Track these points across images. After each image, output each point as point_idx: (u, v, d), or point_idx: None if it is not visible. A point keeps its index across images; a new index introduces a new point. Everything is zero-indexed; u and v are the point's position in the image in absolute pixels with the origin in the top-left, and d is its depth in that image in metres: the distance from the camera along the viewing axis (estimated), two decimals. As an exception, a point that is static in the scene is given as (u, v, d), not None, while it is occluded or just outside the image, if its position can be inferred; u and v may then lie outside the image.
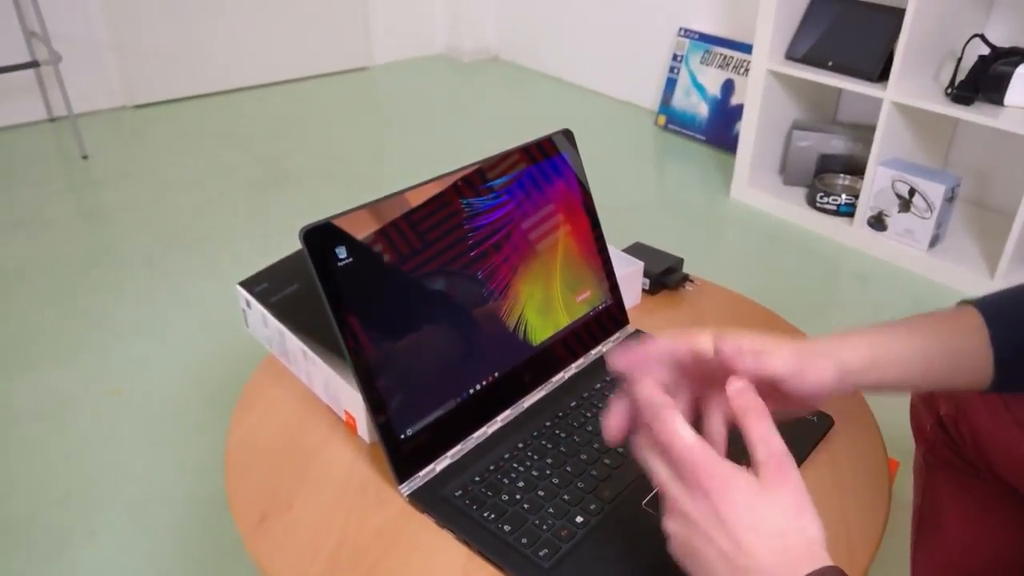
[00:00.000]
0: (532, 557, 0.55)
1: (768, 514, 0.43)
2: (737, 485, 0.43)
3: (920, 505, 0.80)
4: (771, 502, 0.43)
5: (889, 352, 0.54)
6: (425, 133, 2.69)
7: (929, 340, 0.54)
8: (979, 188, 2.05)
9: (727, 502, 0.43)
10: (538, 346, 0.71)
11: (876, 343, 0.54)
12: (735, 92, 2.49)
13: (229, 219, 2.06)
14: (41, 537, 1.14)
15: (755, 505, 0.43)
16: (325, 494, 0.62)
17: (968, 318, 0.55)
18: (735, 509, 0.43)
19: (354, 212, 0.60)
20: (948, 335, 0.55)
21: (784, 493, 0.43)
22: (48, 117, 2.71)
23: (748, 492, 0.43)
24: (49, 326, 1.62)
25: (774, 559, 0.42)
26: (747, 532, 0.42)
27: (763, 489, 0.43)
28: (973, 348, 0.55)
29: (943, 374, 0.55)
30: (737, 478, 0.44)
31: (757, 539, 0.42)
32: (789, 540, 0.42)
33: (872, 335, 0.54)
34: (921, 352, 0.54)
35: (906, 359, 0.54)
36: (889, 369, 0.54)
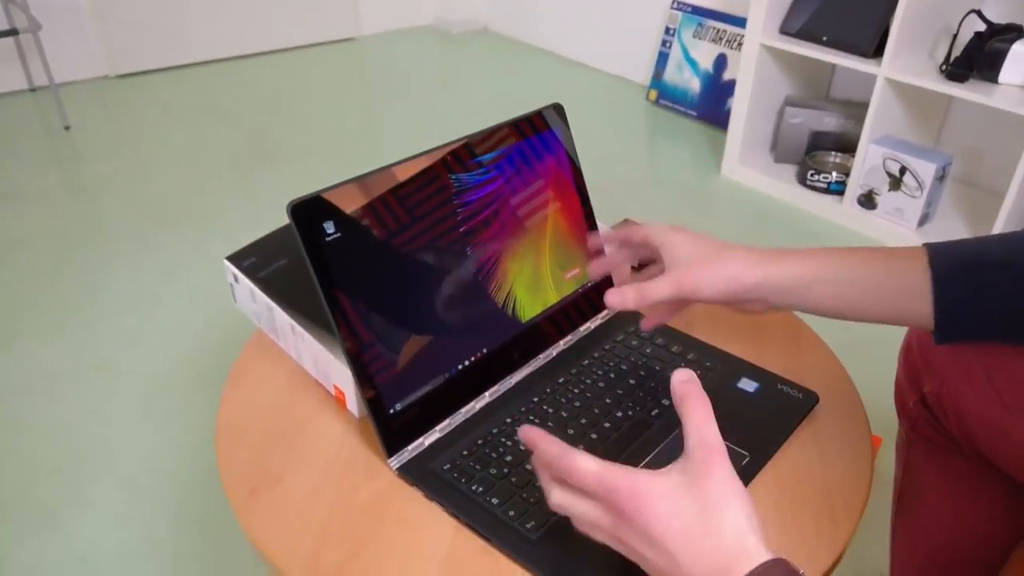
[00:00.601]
0: (520, 529, 0.55)
1: (694, 516, 0.42)
2: (656, 494, 0.43)
3: (901, 481, 0.81)
4: (696, 498, 0.42)
5: (821, 267, 0.55)
6: (413, 106, 2.66)
7: (868, 267, 0.55)
8: (970, 167, 2.06)
9: (647, 516, 0.42)
10: (527, 323, 0.71)
11: (806, 261, 0.56)
12: (728, 67, 2.48)
13: (216, 192, 2.05)
14: (33, 511, 1.14)
15: (680, 508, 0.42)
16: (315, 468, 0.62)
17: (915, 258, 0.55)
18: (659, 520, 0.42)
19: (342, 186, 0.59)
20: (888, 266, 0.55)
21: (708, 486, 0.43)
22: (29, 87, 2.66)
23: (670, 497, 0.42)
24: (35, 301, 1.61)
25: (706, 563, 0.41)
26: (679, 540, 0.41)
27: (687, 485, 0.43)
28: (912, 286, 0.55)
29: (880, 304, 0.56)
30: (653, 486, 0.43)
31: (689, 546, 0.41)
32: (721, 538, 0.41)
33: (807, 251, 0.58)
34: (857, 276, 0.55)
35: (839, 279, 0.55)
36: (821, 286, 0.55)
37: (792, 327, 0.81)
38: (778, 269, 0.58)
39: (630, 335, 0.75)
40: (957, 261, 0.55)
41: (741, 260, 0.58)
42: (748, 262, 0.58)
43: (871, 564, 1.05)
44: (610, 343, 0.74)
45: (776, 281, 0.58)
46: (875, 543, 0.98)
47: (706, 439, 0.44)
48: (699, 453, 0.44)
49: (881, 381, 0.91)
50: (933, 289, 0.55)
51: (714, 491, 0.43)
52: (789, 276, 0.57)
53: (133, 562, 1.06)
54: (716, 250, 0.60)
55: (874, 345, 1.33)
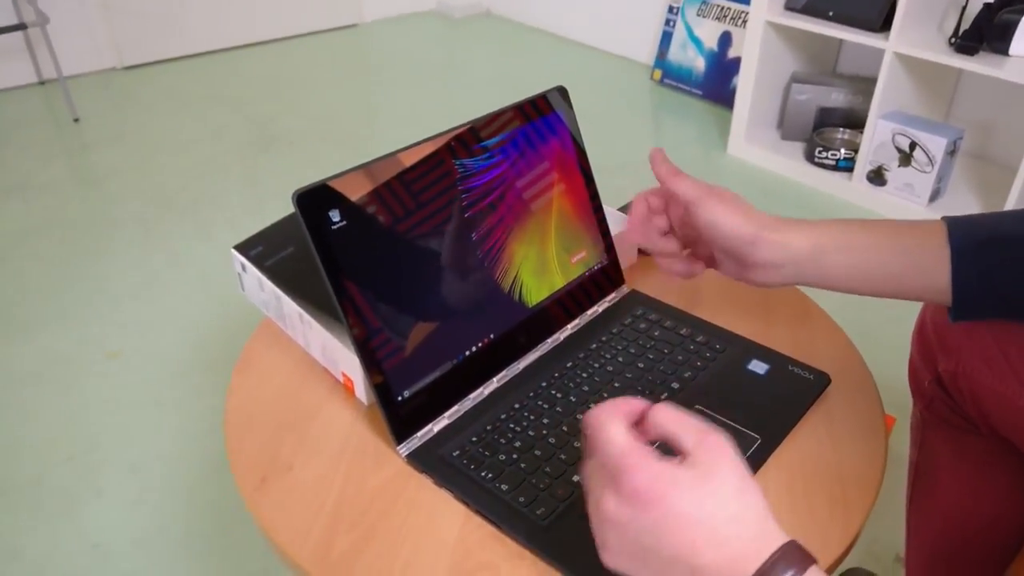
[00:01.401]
0: (529, 516, 0.55)
1: (716, 504, 0.41)
2: (677, 484, 0.41)
3: (917, 462, 0.81)
4: (714, 490, 0.41)
5: (840, 236, 0.55)
6: (417, 91, 2.65)
7: (886, 239, 0.55)
8: (981, 141, 2.03)
9: (674, 504, 0.41)
10: (533, 307, 0.71)
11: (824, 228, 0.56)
12: (732, 45, 2.45)
13: (222, 181, 2.05)
14: (48, 497, 1.15)
15: (701, 498, 0.41)
16: (324, 455, 0.63)
17: (934, 232, 0.55)
18: (683, 507, 0.41)
19: (347, 174, 0.59)
20: (907, 240, 0.55)
21: (723, 476, 0.41)
22: (38, 80, 2.67)
23: (689, 490, 0.41)
24: (45, 290, 1.62)
25: (729, 550, 0.40)
26: (700, 528, 0.40)
27: (703, 479, 0.41)
28: (932, 262, 0.55)
29: (896, 278, 0.56)
30: (677, 477, 0.41)
31: (711, 533, 0.40)
32: (742, 525, 0.41)
33: (823, 221, 0.58)
34: (874, 246, 0.55)
35: (854, 247, 0.55)
36: (836, 255, 0.55)
37: (802, 306, 0.80)
38: (795, 232, 0.58)
39: (638, 318, 0.75)
40: (976, 237, 0.54)
41: (764, 215, 0.61)
42: (769, 218, 0.60)
43: (886, 545, 1.05)
44: (618, 326, 0.74)
45: (793, 244, 0.58)
46: (889, 524, 0.98)
47: (701, 432, 0.43)
48: (702, 448, 0.42)
49: (893, 359, 0.90)
50: (951, 264, 0.54)
51: (729, 480, 0.42)
52: (805, 241, 0.57)
53: (145, 549, 1.07)
54: (744, 202, 0.63)
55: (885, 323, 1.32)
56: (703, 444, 0.42)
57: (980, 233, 0.54)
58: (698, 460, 0.42)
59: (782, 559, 0.40)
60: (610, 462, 0.43)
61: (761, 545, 0.40)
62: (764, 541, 0.41)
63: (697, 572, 0.41)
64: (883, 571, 1.00)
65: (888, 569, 1.01)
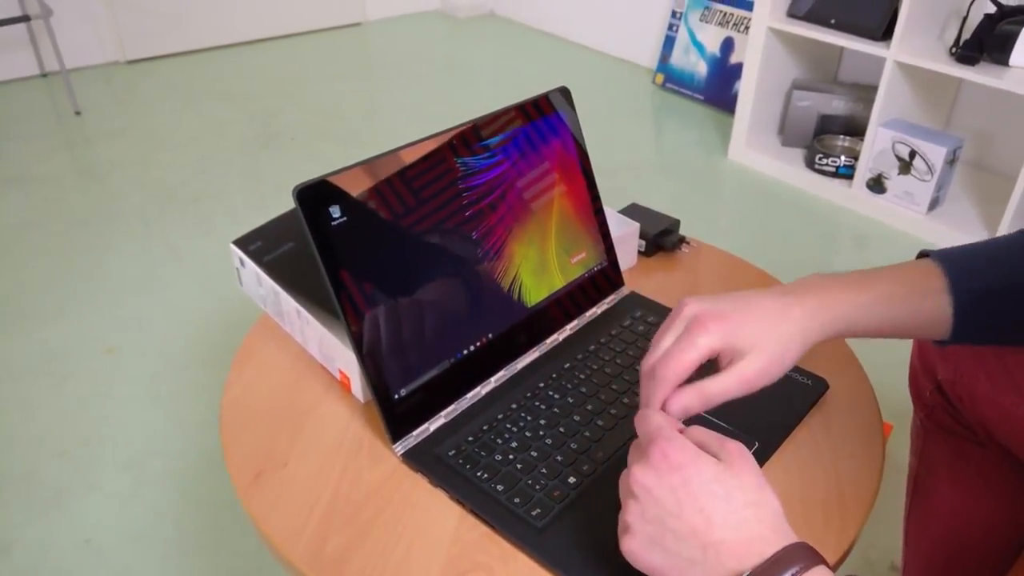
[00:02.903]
0: (525, 517, 0.55)
1: (736, 486, 0.44)
2: (703, 459, 0.45)
3: (916, 469, 0.81)
4: (736, 477, 0.44)
5: (857, 324, 0.55)
6: (420, 90, 2.65)
7: (895, 308, 0.55)
8: (981, 150, 2.04)
9: (697, 473, 0.44)
10: (532, 307, 0.71)
11: (842, 316, 0.54)
12: (735, 50, 2.45)
13: (223, 176, 2.04)
14: (41, 491, 1.15)
15: (724, 478, 0.44)
16: (320, 452, 0.62)
17: (932, 278, 0.56)
18: (705, 480, 0.44)
19: (348, 170, 0.59)
20: (914, 300, 0.56)
21: (745, 472, 0.45)
22: (40, 72, 2.66)
23: (714, 468, 0.44)
24: (44, 283, 1.61)
25: (746, 531, 0.42)
26: (719, 502, 0.43)
27: (727, 467, 0.45)
28: (935, 307, 0.56)
29: (904, 332, 0.57)
30: (702, 454, 0.45)
31: (729, 510, 0.43)
32: (760, 511, 0.43)
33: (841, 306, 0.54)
34: (888, 320, 0.55)
35: (871, 326, 0.55)
36: (852, 332, 0.56)
37: (801, 313, 0.80)
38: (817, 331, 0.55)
39: (637, 320, 0.75)
40: (977, 292, 0.55)
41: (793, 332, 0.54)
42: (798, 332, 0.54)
43: (882, 552, 1.05)
44: (617, 328, 0.74)
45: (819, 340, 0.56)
46: (886, 531, 0.98)
47: (728, 442, 0.46)
48: (728, 449, 0.46)
49: (892, 367, 0.90)
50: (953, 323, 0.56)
51: (750, 475, 0.45)
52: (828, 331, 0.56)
53: (138, 544, 1.07)
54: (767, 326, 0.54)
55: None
56: (726, 447, 0.46)
57: (981, 287, 0.55)
58: (724, 458, 0.45)
59: (792, 553, 0.41)
60: (644, 438, 0.47)
61: (775, 537, 0.42)
62: (778, 534, 0.42)
63: (710, 549, 0.42)
64: (877, 578, 0.99)
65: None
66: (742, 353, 0.52)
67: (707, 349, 0.51)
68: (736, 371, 0.52)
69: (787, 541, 0.42)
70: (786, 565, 0.40)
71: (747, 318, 0.53)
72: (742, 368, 0.52)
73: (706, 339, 0.51)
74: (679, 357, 0.51)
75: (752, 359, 0.52)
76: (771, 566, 0.40)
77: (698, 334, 0.51)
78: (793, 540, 0.42)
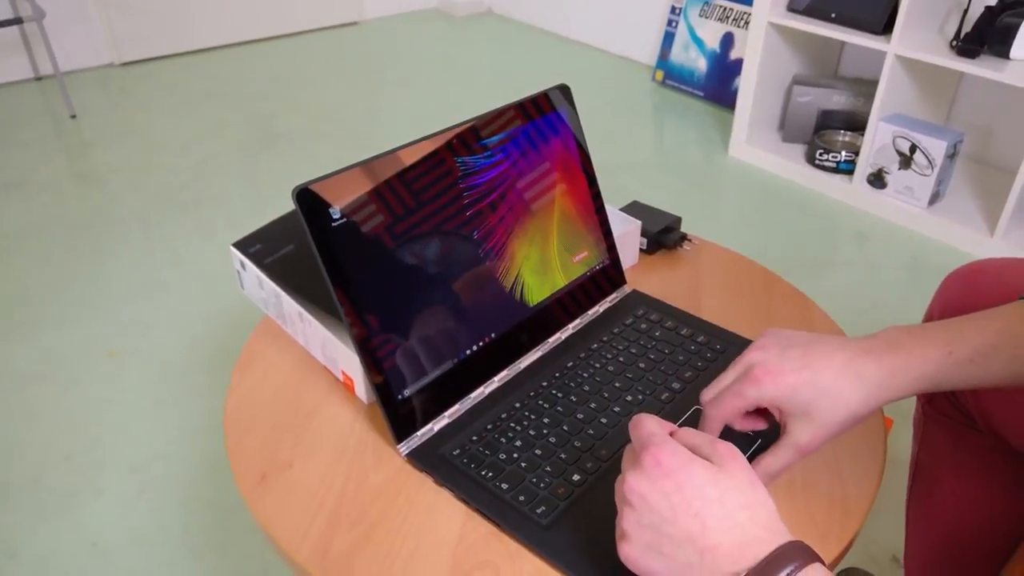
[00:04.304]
0: (530, 515, 0.55)
1: (730, 487, 0.44)
2: (696, 463, 0.45)
3: (918, 457, 0.81)
4: (730, 479, 0.44)
5: (944, 383, 0.51)
6: (418, 89, 2.65)
7: (991, 363, 0.51)
8: (981, 144, 2.03)
9: (690, 478, 0.44)
10: (535, 307, 0.71)
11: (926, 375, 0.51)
12: (735, 46, 2.45)
13: (222, 179, 2.04)
14: (47, 496, 1.15)
15: (717, 480, 0.44)
16: (324, 454, 0.62)
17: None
18: (698, 484, 0.43)
19: (348, 171, 0.59)
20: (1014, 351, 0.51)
21: (738, 474, 0.45)
22: (34, 76, 2.66)
23: (708, 471, 0.44)
24: (45, 288, 1.62)
25: (740, 533, 0.42)
26: (713, 506, 0.43)
27: (720, 469, 0.44)
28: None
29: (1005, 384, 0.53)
30: (696, 459, 0.45)
31: (724, 513, 0.42)
32: (755, 512, 0.43)
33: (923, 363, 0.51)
34: (981, 377, 0.51)
35: (964, 383, 0.52)
36: (940, 389, 0.52)
37: (803, 308, 0.80)
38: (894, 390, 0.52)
39: (639, 318, 0.75)
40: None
41: (857, 395, 0.51)
42: (864, 394, 0.51)
43: (883, 546, 1.05)
44: (619, 326, 0.74)
45: (897, 399, 0.53)
46: (887, 525, 0.98)
47: (720, 444, 0.46)
48: (719, 450, 0.46)
49: (892, 362, 0.90)
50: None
51: (743, 475, 0.45)
52: (910, 391, 0.52)
53: (144, 548, 1.07)
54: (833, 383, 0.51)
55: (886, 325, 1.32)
56: (717, 449, 0.46)
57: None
58: (716, 459, 0.45)
59: (787, 552, 0.41)
60: (638, 444, 0.47)
61: (770, 537, 0.42)
62: (773, 534, 0.42)
63: (706, 553, 0.42)
64: (880, 572, 1.00)
65: (885, 570, 1.01)
66: (795, 417, 0.52)
67: (754, 402, 0.53)
68: (791, 444, 0.52)
69: (782, 540, 0.42)
70: (781, 564, 0.40)
71: (806, 379, 0.51)
72: (795, 439, 0.52)
73: (755, 393, 0.52)
74: (727, 402, 0.54)
75: (804, 428, 0.52)
76: (766, 566, 0.40)
77: (749, 386, 0.53)
78: (788, 539, 0.42)
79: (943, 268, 0.74)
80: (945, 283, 0.72)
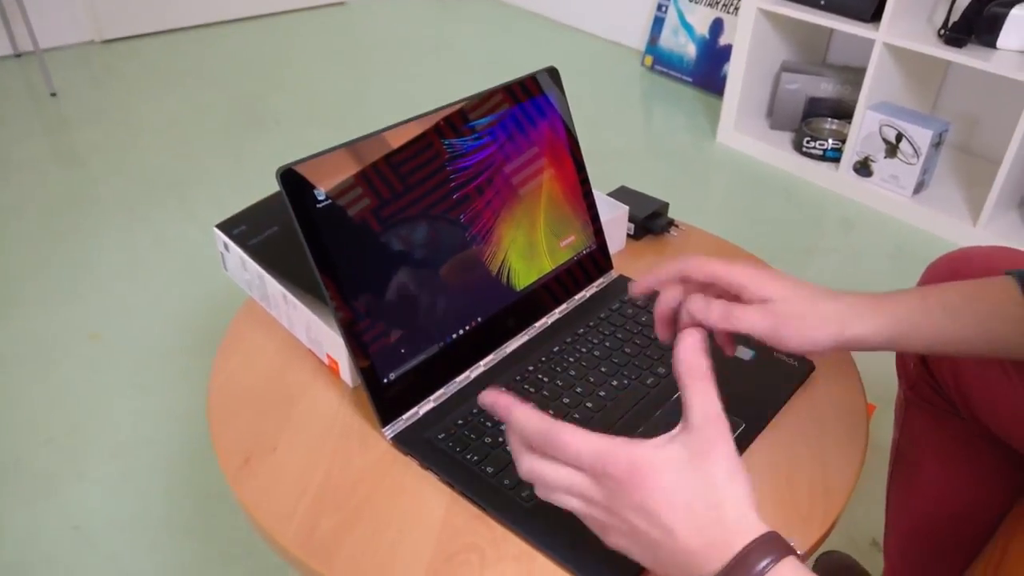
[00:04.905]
0: (514, 498, 0.55)
1: (699, 488, 0.41)
2: (658, 467, 0.42)
3: (898, 442, 0.82)
4: (701, 473, 0.42)
5: (913, 332, 0.52)
6: (405, 71, 2.62)
7: (962, 319, 0.52)
8: (967, 134, 2.05)
9: (648, 488, 0.41)
10: (521, 291, 0.70)
11: (899, 317, 0.51)
12: (724, 32, 2.44)
13: (205, 160, 2.02)
14: (28, 480, 1.14)
15: (683, 482, 0.41)
16: (309, 437, 0.62)
17: (1007, 291, 0.53)
18: (661, 493, 0.41)
19: (333, 152, 0.58)
20: (981, 308, 0.52)
21: (713, 462, 0.42)
22: (14, 53, 2.61)
23: (673, 471, 0.42)
24: (24, 270, 1.59)
25: (711, 535, 0.41)
26: (677, 513, 0.41)
27: (690, 459, 0.42)
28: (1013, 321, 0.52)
29: (975, 345, 0.54)
30: (655, 459, 0.42)
31: (690, 518, 0.41)
32: (724, 511, 0.41)
33: (895, 306, 0.52)
34: (950, 330, 0.52)
35: (931, 336, 0.52)
36: (912, 343, 0.53)
37: (788, 295, 0.80)
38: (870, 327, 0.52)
39: (626, 303, 0.75)
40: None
41: (834, 319, 0.52)
42: (838, 313, 0.52)
43: (863, 530, 1.06)
44: (605, 311, 0.74)
45: (868, 341, 0.53)
46: (868, 509, 0.99)
47: (711, 415, 0.43)
48: (705, 430, 0.43)
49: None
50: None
51: (718, 467, 0.42)
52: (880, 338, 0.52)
53: (126, 531, 1.07)
54: (810, 296, 0.53)
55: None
56: (707, 426, 0.43)
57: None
58: (693, 440, 0.43)
59: (758, 548, 0.40)
60: (587, 467, 0.43)
61: (739, 535, 0.41)
62: (743, 531, 0.41)
63: (678, 555, 0.42)
64: (860, 555, 1.01)
65: (865, 554, 1.03)
66: (770, 300, 0.51)
67: (739, 269, 0.52)
68: (768, 308, 0.51)
69: (754, 535, 0.40)
70: (751, 562, 0.39)
71: (783, 278, 0.53)
72: (774, 307, 0.51)
73: (744, 262, 0.52)
74: (707, 258, 0.52)
75: (783, 304, 0.51)
76: (736, 565, 0.40)
77: (735, 260, 0.53)
78: (759, 532, 0.41)
79: (927, 256, 0.75)
80: (928, 271, 0.73)
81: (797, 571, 0.40)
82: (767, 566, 0.39)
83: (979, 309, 0.53)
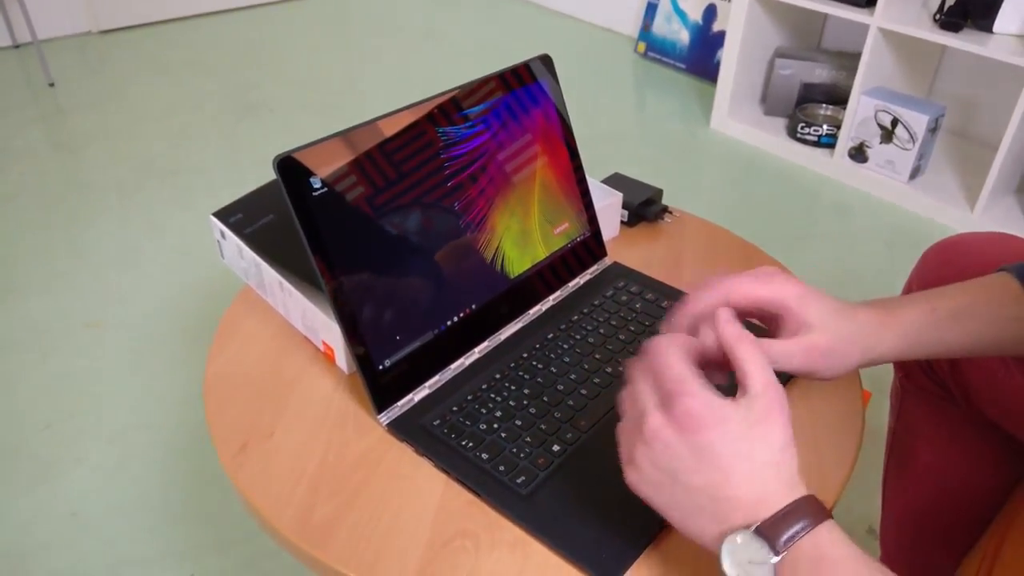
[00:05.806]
0: (510, 484, 0.56)
1: (760, 448, 0.42)
2: (730, 419, 0.43)
3: (894, 429, 0.82)
4: (762, 437, 0.43)
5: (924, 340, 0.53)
6: (398, 59, 2.61)
7: (970, 324, 0.53)
8: (963, 118, 2.04)
9: (723, 436, 0.42)
10: (515, 279, 0.71)
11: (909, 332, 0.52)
12: (717, 18, 2.43)
13: (202, 148, 2.02)
14: (26, 465, 1.14)
15: (748, 437, 0.43)
16: (305, 423, 0.63)
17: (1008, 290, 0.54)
18: (730, 439, 0.42)
19: (329, 140, 0.58)
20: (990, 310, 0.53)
21: (774, 430, 0.43)
22: (12, 43, 2.60)
23: (741, 426, 0.43)
24: (23, 257, 1.59)
25: (761, 488, 0.42)
26: (742, 462, 0.42)
27: (754, 424, 0.43)
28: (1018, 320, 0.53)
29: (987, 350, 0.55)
30: (730, 412, 0.43)
31: (750, 469, 0.42)
32: (780, 471, 0.42)
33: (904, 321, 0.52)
34: (966, 339, 0.53)
35: (948, 346, 0.53)
36: (923, 352, 0.53)
37: (781, 281, 0.80)
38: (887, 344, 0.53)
39: (620, 290, 0.75)
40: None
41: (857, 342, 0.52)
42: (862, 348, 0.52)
43: (858, 517, 1.07)
44: (600, 298, 0.74)
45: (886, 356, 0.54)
46: (864, 498, 1.00)
47: (769, 383, 0.44)
48: (763, 398, 0.43)
49: (869, 334, 0.91)
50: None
51: (776, 435, 0.43)
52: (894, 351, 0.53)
53: (124, 517, 1.07)
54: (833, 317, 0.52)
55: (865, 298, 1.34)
56: (767, 393, 0.44)
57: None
58: (755, 405, 0.43)
59: (799, 508, 0.41)
60: (667, 385, 0.44)
61: (788, 492, 0.42)
62: (791, 489, 0.42)
63: (721, 503, 0.42)
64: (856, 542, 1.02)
65: (861, 541, 1.04)
66: (810, 327, 0.50)
67: (781, 290, 0.50)
68: (804, 340, 0.49)
69: (797, 495, 0.42)
70: (791, 521, 0.40)
71: (820, 298, 0.51)
72: (812, 339, 0.49)
73: (782, 279, 0.51)
74: (745, 278, 0.51)
75: (821, 335, 0.50)
76: (777, 522, 0.41)
77: (775, 272, 0.51)
78: (802, 494, 0.42)
79: (923, 242, 0.75)
80: (924, 257, 0.73)
81: (833, 532, 0.41)
82: (803, 529, 0.40)
83: (984, 313, 0.54)
